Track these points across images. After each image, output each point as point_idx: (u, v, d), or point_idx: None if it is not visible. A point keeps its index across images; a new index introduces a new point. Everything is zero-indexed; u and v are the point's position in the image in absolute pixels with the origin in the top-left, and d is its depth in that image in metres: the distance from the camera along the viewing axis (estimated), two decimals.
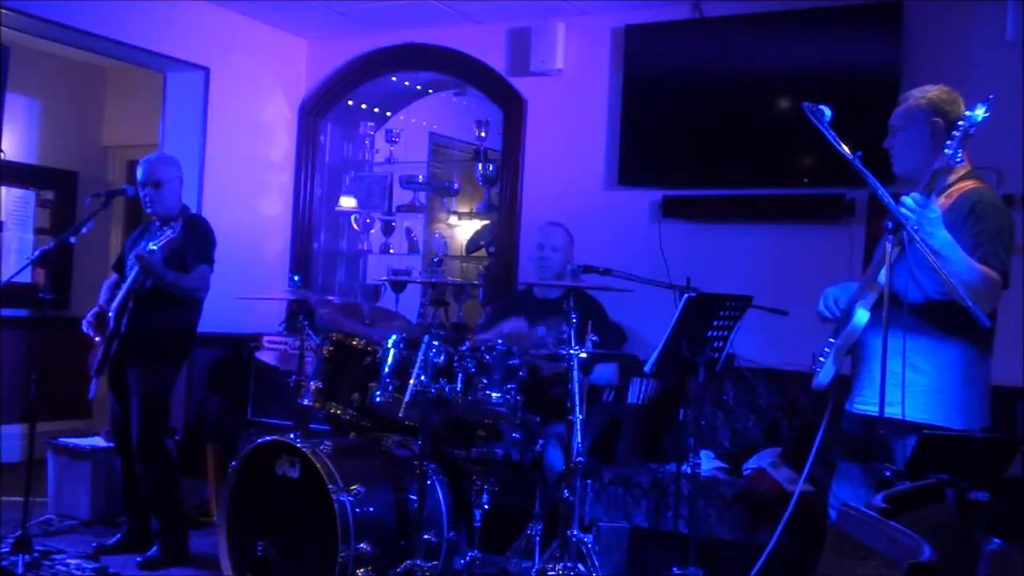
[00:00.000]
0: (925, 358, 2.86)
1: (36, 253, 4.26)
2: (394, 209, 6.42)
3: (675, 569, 3.61)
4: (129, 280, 4.19)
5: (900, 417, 2.70)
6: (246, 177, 5.96)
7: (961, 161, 2.84)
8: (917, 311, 2.83)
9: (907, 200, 2.68)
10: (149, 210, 4.44)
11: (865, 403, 2.95)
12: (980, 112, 2.64)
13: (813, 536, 3.14)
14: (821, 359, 3.02)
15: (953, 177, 2.92)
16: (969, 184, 2.91)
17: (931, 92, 2.98)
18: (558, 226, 4.58)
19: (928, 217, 2.67)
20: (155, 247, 4.10)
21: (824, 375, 3.02)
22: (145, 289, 4.21)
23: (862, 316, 2.88)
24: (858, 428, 3.01)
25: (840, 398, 3.11)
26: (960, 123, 2.67)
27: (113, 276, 4.59)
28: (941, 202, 2.80)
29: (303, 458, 3.60)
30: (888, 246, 2.72)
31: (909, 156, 2.98)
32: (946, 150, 2.68)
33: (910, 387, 2.78)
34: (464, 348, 3.65)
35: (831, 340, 3.01)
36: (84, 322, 4.43)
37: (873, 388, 2.75)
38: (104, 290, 4.56)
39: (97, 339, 4.38)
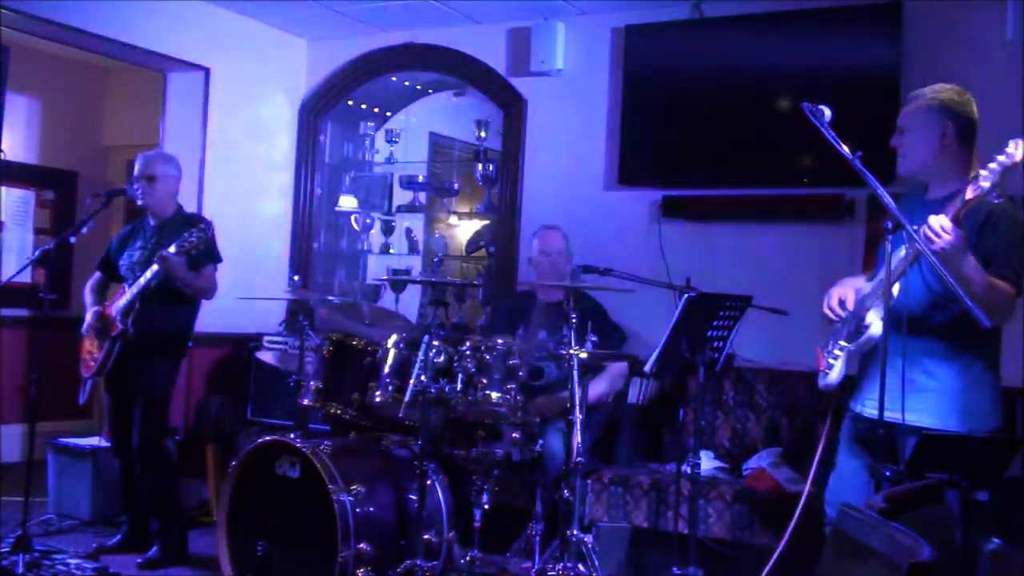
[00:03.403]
0: (939, 365, 2.85)
1: (36, 253, 4.25)
2: (394, 209, 6.42)
3: (675, 569, 3.60)
4: (142, 281, 4.18)
5: (911, 423, 2.70)
6: (246, 177, 5.96)
7: (999, 199, 2.75)
8: (941, 324, 2.82)
9: (936, 226, 2.62)
10: (140, 202, 4.43)
11: (875, 407, 2.94)
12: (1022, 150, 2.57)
13: (813, 536, 3.15)
14: (831, 360, 3.01)
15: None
16: None
17: (943, 92, 2.92)
18: (556, 229, 4.59)
19: (957, 245, 2.62)
20: (178, 250, 4.07)
21: (834, 376, 3.01)
22: (150, 289, 4.20)
23: (879, 326, 2.83)
24: (864, 429, 3.00)
25: (842, 398, 3.11)
26: (1000, 158, 2.59)
27: (96, 275, 4.58)
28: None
29: (303, 458, 3.59)
30: (888, 247, 2.71)
31: (917, 156, 2.93)
32: (982, 182, 2.60)
33: (923, 393, 2.79)
34: (464, 348, 3.66)
35: (842, 343, 2.98)
36: (85, 328, 4.41)
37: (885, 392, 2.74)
38: (88, 292, 4.53)
39: (88, 341, 4.38)
